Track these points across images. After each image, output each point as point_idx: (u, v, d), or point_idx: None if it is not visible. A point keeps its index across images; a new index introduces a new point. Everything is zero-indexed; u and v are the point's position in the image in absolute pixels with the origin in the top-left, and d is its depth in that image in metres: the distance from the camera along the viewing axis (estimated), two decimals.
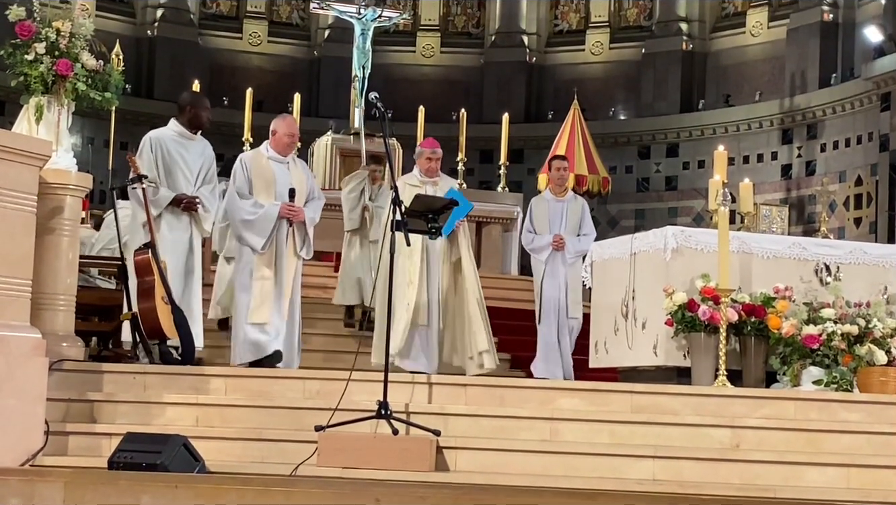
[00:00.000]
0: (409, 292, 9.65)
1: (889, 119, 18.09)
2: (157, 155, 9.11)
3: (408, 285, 9.66)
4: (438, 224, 8.62)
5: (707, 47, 21.99)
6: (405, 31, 23.17)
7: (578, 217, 11.24)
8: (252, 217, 9.21)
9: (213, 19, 23.13)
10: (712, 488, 6.92)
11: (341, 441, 7.14)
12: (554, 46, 23.31)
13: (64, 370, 7.74)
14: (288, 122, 9.66)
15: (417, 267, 9.70)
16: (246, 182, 9.32)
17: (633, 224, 20.46)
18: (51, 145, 7.61)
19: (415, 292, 9.67)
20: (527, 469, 7.22)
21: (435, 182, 10.10)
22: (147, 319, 8.50)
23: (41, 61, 7.86)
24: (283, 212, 9.26)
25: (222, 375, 8.20)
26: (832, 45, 19.84)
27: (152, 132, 9.30)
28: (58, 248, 7.83)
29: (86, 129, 19.65)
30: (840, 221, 18.81)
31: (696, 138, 21.25)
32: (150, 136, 9.24)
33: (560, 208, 11.25)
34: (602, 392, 8.06)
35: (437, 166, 10.19)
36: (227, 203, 9.52)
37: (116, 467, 6.75)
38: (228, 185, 9.46)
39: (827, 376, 8.57)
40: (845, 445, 7.53)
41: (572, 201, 11.37)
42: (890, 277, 9.57)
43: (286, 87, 20.60)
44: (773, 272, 9.32)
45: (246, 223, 9.23)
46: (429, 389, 7.93)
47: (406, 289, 9.63)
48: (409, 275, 9.66)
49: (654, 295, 9.29)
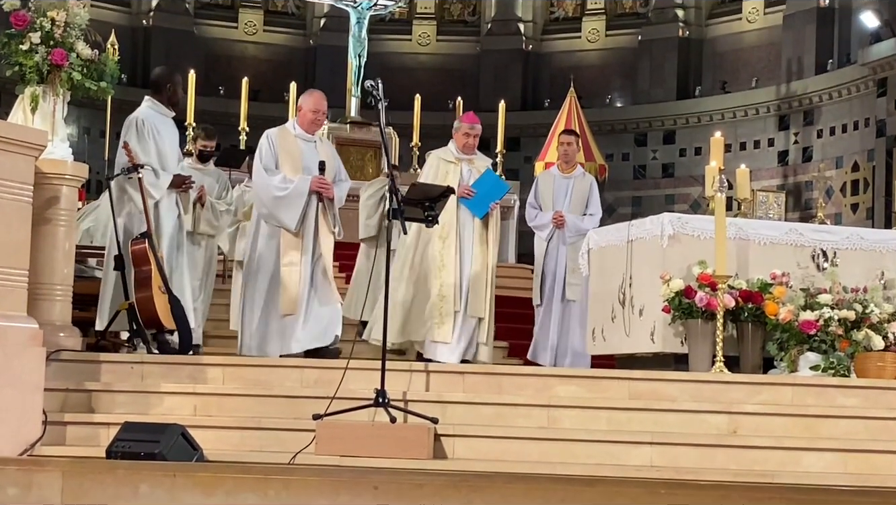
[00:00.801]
0: (443, 276, 9.40)
1: (885, 105, 18.09)
2: (151, 137, 8.88)
3: (440, 269, 9.39)
4: (435, 212, 8.54)
5: (703, 34, 21.97)
6: (401, 19, 23.15)
7: (585, 195, 11.01)
8: (283, 193, 8.80)
9: (208, 8, 23.09)
10: (710, 474, 6.93)
11: (339, 429, 7.15)
12: (550, 34, 23.29)
13: (61, 360, 7.74)
14: (314, 98, 9.18)
15: (452, 251, 9.45)
16: (273, 158, 8.93)
17: (629, 211, 20.46)
18: (46, 135, 7.60)
19: (450, 276, 9.41)
20: (525, 456, 7.23)
21: (471, 160, 9.85)
22: (144, 309, 8.49)
23: (36, 51, 7.84)
24: (315, 185, 8.84)
25: (220, 364, 8.20)
26: (828, 30, 19.82)
27: (140, 114, 8.92)
28: (54, 239, 7.82)
29: (82, 119, 19.64)
30: (837, 207, 18.82)
31: (693, 125, 21.25)
32: (140, 118, 8.88)
33: (566, 185, 11.03)
34: (599, 379, 8.07)
35: (476, 143, 9.91)
36: (255, 181, 9.13)
37: (114, 457, 6.75)
38: (254, 163, 9.11)
39: (824, 362, 8.58)
40: (843, 431, 7.54)
41: (580, 178, 11.13)
42: (887, 262, 9.57)
43: (282, 77, 20.59)
44: (769, 258, 9.32)
45: (277, 200, 8.81)
46: (426, 377, 7.94)
47: (438, 273, 9.37)
48: (441, 258, 9.43)
49: (651, 282, 9.29)
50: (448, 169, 9.75)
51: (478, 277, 9.58)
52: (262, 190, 8.93)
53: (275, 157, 8.95)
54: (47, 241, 7.76)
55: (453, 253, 9.45)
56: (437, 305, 9.36)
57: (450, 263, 9.42)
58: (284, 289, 8.78)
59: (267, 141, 9.03)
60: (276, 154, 8.95)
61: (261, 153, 9.00)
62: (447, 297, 9.39)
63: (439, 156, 9.80)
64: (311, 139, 9.12)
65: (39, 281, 7.66)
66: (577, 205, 10.93)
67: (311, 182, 8.86)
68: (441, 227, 9.20)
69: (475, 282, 9.59)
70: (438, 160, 9.72)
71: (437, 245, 9.39)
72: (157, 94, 9.03)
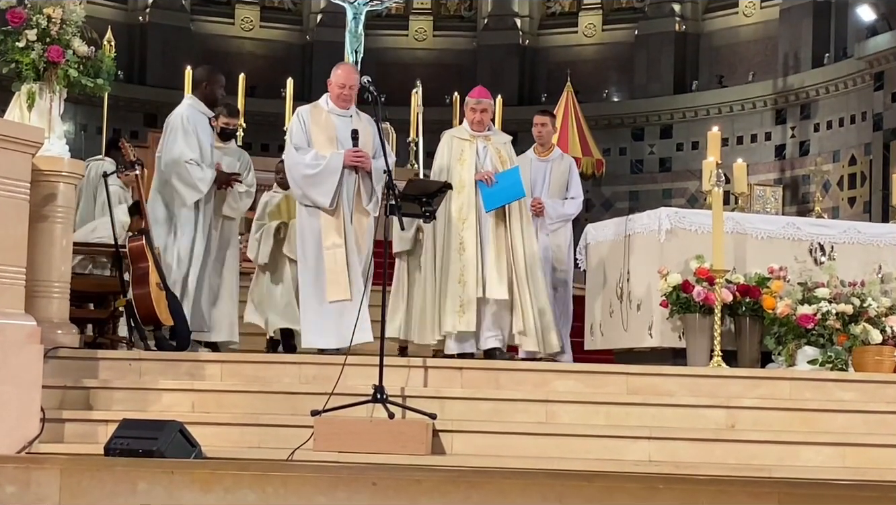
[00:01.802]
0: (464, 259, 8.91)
1: (882, 98, 18.07)
2: (195, 134, 8.88)
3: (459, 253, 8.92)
4: (432, 207, 8.41)
5: (700, 28, 21.94)
6: (397, 14, 23.10)
7: (565, 178, 10.31)
8: (315, 170, 8.46)
9: (204, 5, 23.03)
10: (708, 469, 6.94)
11: (337, 425, 7.15)
12: (547, 29, 23.25)
13: (59, 357, 7.73)
14: (341, 72, 8.78)
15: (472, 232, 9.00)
16: (304, 136, 8.59)
17: (627, 206, 20.44)
18: (43, 132, 7.59)
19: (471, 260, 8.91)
20: (523, 451, 7.23)
21: (487, 137, 9.35)
22: (142, 306, 8.48)
23: (32, 48, 7.83)
24: (349, 159, 8.48)
25: (218, 360, 8.19)
26: (825, 24, 19.80)
27: (183, 111, 9.00)
28: (51, 236, 7.81)
29: (78, 116, 19.60)
30: (834, 201, 18.81)
31: (690, 119, 21.22)
32: (184, 115, 8.94)
33: (543, 169, 10.31)
34: (597, 374, 8.07)
35: (486, 118, 9.36)
36: (287, 162, 8.81)
37: (113, 454, 6.75)
38: (286, 143, 8.83)
39: (822, 356, 8.59)
40: (840, 425, 7.54)
41: (558, 160, 10.38)
42: (884, 255, 9.59)
43: (279, 73, 20.55)
44: (767, 252, 9.33)
45: (308, 179, 8.48)
46: (424, 373, 7.94)
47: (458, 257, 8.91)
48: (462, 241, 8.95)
49: (648, 276, 9.30)
50: (463, 147, 9.29)
51: (499, 258, 8.99)
52: (293, 169, 8.61)
53: (307, 135, 8.62)
54: (44, 238, 7.76)
55: (474, 235, 8.98)
56: (457, 291, 8.87)
57: (470, 246, 8.94)
58: (330, 273, 8.42)
59: (298, 119, 8.74)
60: (308, 132, 8.63)
61: (292, 133, 8.71)
62: (468, 282, 8.90)
63: (453, 134, 9.38)
64: (346, 113, 8.73)
65: (37, 278, 7.65)
66: (556, 189, 10.24)
67: (345, 156, 8.51)
68: (459, 208, 8.94)
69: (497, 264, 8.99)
70: (452, 138, 9.28)
71: (457, 227, 8.94)
72: (195, 90, 9.14)
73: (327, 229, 8.47)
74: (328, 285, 8.40)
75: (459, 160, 9.24)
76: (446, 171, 9.21)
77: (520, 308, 8.99)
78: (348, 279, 8.41)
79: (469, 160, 9.24)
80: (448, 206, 8.99)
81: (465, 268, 8.92)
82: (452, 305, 8.86)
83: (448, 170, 9.21)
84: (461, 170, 9.23)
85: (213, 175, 8.96)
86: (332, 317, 8.39)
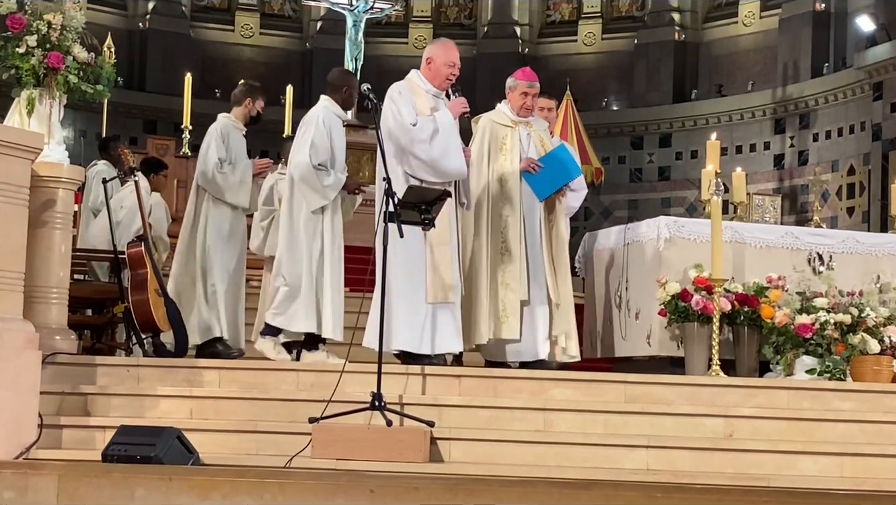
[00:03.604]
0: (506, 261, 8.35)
1: (881, 108, 18.09)
2: (330, 137, 8.40)
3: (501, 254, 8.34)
4: (432, 215, 7.99)
5: (699, 37, 21.97)
6: (397, 22, 23.13)
7: None
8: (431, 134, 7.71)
9: (204, 11, 23.07)
10: (706, 478, 6.93)
11: (335, 433, 7.14)
12: (546, 37, 23.28)
13: (57, 363, 7.72)
14: (449, 50, 8.17)
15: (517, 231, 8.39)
16: (413, 110, 7.86)
17: (626, 214, 20.46)
18: (42, 138, 7.59)
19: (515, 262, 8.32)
20: (521, 459, 7.22)
21: (528, 122, 8.68)
22: (140, 312, 8.49)
23: (32, 54, 7.83)
24: (457, 108, 7.83)
25: (216, 367, 8.19)
26: (824, 34, 19.83)
27: (321, 114, 8.48)
28: (50, 242, 7.81)
29: (78, 122, 19.60)
30: (833, 211, 18.82)
31: (689, 128, 21.25)
32: (321, 117, 8.44)
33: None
34: (596, 382, 8.06)
35: (535, 105, 8.71)
36: (396, 137, 7.99)
37: (110, 460, 6.74)
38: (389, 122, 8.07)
39: (820, 365, 8.59)
40: (839, 434, 7.54)
41: None
42: (883, 265, 9.59)
43: (278, 80, 20.55)
44: (766, 262, 9.33)
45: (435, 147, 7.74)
46: (422, 381, 7.93)
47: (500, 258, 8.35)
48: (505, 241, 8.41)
49: (647, 285, 9.30)
50: (505, 134, 8.53)
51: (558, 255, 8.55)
52: (413, 147, 7.77)
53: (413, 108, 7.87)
54: (43, 244, 7.75)
55: (518, 235, 8.31)
56: (501, 295, 8.29)
57: (515, 246, 8.29)
58: (433, 272, 7.90)
59: (400, 95, 7.99)
60: (412, 106, 7.91)
61: (399, 111, 7.88)
62: (510, 284, 8.31)
63: (493, 119, 8.56)
64: (441, 95, 8.11)
65: (35, 284, 7.65)
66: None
67: (452, 107, 7.84)
68: (502, 206, 8.38)
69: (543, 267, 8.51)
70: (491, 124, 8.48)
71: (498, 226, 8.29)
72: (334, 94, 8.66)
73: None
74: (431, 285, 7.87)
75: (501, 150, 8.60)
76: (486, 160, 8.56)
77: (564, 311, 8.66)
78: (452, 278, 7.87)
79: (512, 149, 8.59)
80: (489, 203, 8.49)
81: (509, 271, 8.38)
82: (493, 311, 8.38)
83: (488, 159, 8.59)
84: (504, 161, 8.58)
85: (342, 181, 8.39)
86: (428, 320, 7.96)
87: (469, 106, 8.07)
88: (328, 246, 8.34)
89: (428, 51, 8.26)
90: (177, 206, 15.20)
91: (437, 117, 7.89)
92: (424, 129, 7.87)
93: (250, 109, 9.35)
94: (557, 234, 8.67)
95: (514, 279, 8.40)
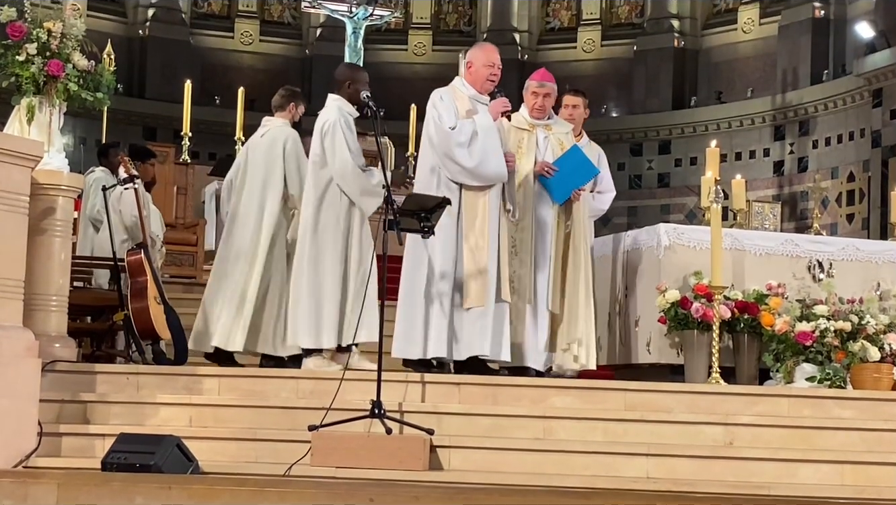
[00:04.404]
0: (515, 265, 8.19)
1: (881, 115, 18.11)
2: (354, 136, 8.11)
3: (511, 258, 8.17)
4: (431, 223, 7.91)
5: (699, 44, 22.00)
6: (397, 29, 23.16)
7: None
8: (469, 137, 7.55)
9: (204, 18, 23.10)
10: (706, 486, 6.92)
11: (335, 441, 7.13)
12: (546, 44, 23.31)
13: (57, 371, 7.72)
14: (486, 51, 8.06)
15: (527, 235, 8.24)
16: (454, 115, 7.72)
17: (625, 221, 20.45)
18: (42, 146, 7.60)
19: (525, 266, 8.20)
20: (521, 468, 7.22)
21: (547, 125, 8.53)
22: (139, 320, 8.49)
23: (32, 62, 7.83)
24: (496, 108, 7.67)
25: (215, 374, 8.18)
26: (824, 41, 19.85)
27: (338, 117, 8.19)
28: (50, 249, 7.81)
29: (78, 130, 19.61)
30: (832, 218, 18.83)
31: (689, 135, 21.26)
32: (340, 120, 8.16)
33: None
34: (595, 390, 8.06)
35: (549, 104, 8.54)
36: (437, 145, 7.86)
37: (110, 468, 6.74)
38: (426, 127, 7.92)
39: (820, 373, 8.58)
40: (839, 442, 7.53)
41: (587, 148, 9.32)
42: (883, 273, 9.58)
43: (278, 86, 20.25)
44: (765, 269, 9.32)
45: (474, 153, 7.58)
46: (422, 388, 7.93)
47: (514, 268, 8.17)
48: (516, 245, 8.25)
49: (647, 292, 9.29)
50: (522, 137, 8.43)
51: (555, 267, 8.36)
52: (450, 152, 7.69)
53: (455, 112, 7.73)
54: (43, 251, 7.75)
55: (529, 238, 8.16)
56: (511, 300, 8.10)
57: (525, 251, 8.15)
58: (469, 277, 7.74)
59: (441, 101, 7.89)
60: (455, 112, 7.77)
61: (439, 116, 7.76)
62: (519, 290, 8.20)
63: (512, 122, 8.41)
64: (485, 100, 7.96)
65: (35, 292, 7.64)
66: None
67: (492, 108, 7.67)
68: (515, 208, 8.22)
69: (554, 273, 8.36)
70: (511, 127, 8.33)
71: (511, 229, 8.10)
72: (339, 91, 8.36)
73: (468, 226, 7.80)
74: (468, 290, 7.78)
75: (518, 153, 8.43)
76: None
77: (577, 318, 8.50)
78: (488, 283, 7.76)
79: (528, 152, 8.45)
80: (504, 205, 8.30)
81: (518, 276, 8.24)
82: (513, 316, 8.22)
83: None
84: (519, 164, 8.41)
85: (382, 180, 7.96)
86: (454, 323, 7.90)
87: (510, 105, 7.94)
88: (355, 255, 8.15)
89: (468, 55, 8.20)
90: (176, 213, 15.19)
91: (475, 120, 7.82)
92: (463, 131, 7.82)
93: (294, 115, 9.20)
94: (573, 241, 8.54)
95: (523, 284, 8.31)
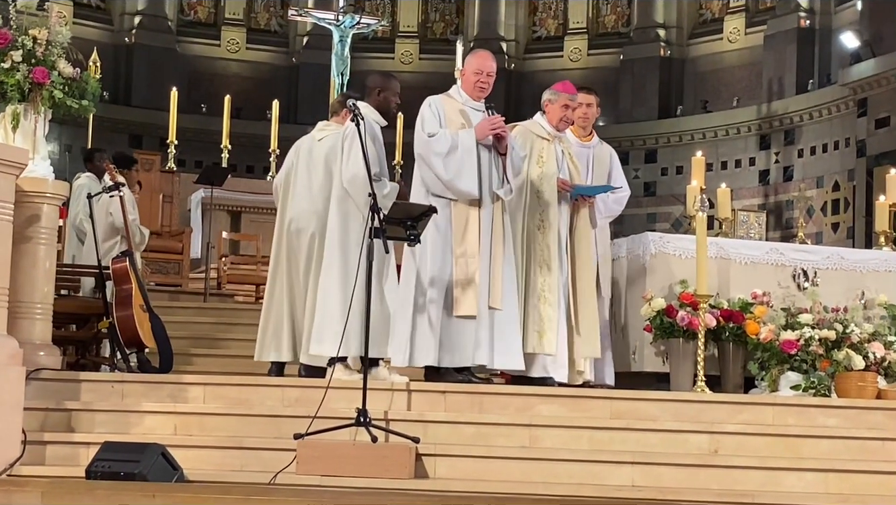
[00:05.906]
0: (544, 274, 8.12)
1: (866, 125, 18.17)
2: (377, 144, 7.98)
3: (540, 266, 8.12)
4: (417, 231, 7.86)
5: (685, 53, 22.07)
6: (384, 37, 23.18)
7: (607, 168, 9.19)
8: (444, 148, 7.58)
9: (191, 26, 23.09)
10: (691, 494, 6.93)
11: (320, 449, 7.12)
12: (532, 53, 23.36)
13: (41, 379, 7.70)
14: (478, 59, 8.04)
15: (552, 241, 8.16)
16: (438, 123, 7.75)
17: (611, 230, 20.47)
18: (27, 153, 7.58)
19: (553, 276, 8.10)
20: (506, 476, 7.21)
21: (561, 139, 8.50)
22: (125, 328, 8.47)
23: (18, 69, 7.82)
24: (484, 128, 7.59)
25: (201, 382, 8.16)
26: (809, 51, 19.93)
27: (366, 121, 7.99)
28: (35, 257, 7.79)
29: (63, 137, 19.58)
30: (818, 227, 18.89)
31: (675, 144, 21.32)
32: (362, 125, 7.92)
33: (586, 155, 9.09)
34: (581, 398, 8.05)
35: (573, 120, 8.57)
36: (418, 152, 7.87)
37: (94, 477, 6.72)
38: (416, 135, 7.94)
39: (805, 382, 8.60)
40: (823, 451, 7.54)
41: (598, 147, 9.21)
42: (867, 281, 9.61)
43: (265, 94, 20.59)
44: (751, 278, 9.35)
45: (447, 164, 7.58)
46: (408, 396, 7.92)
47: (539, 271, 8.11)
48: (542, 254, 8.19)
49: (632, 301, 9.30)
50: (542, 147, 8.36)
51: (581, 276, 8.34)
52: (429, 159, 7.71)
53: (440, 123, 7.78)
54: (28, 259, 7.73)
55: (554, 247, 8.13)
56: (539, 309, 8.11)
57: (553, 259, 8.08)
58: (459, 285, 7.72)
59: (429, 107, 7.91)
60: (441, 120, 7.80)
61: (423, 121, 7.78)
62: (549, 299, 8.13)
63: (531, 129, 8.38)
64: (480, 107, 7.98)
65: (19, 299, 7.62)
66: (600, 180, 9.09)
67: (479, 129, 7.60)
68: (539, 219, 8.19)
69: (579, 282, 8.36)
70: (530, 135, 8.30)
71: (537, 238, 8.07)
72: (369, 99, 8.31)
73: (459, 234, 7.78)
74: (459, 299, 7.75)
75: (538, 162, 8.39)
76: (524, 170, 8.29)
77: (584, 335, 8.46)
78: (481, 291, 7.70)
79: (549, 162, 8.39)
80: (525, 214, 8.28)
81: (545, 287, 8.19)
82: (533, 325, 8.20)
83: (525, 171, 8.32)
84: (540, 173, 8.37)
85: (397, 187, 8.02)
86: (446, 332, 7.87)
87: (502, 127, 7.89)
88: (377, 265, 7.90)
89: (465, 63, 8.19)
90: (161, 221, 15.18)
91: (459, 135, 7.81)
92: (440, 142, 7.81)
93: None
94: (580, 253, 8.49)
95: (552, 293, 8.20)
